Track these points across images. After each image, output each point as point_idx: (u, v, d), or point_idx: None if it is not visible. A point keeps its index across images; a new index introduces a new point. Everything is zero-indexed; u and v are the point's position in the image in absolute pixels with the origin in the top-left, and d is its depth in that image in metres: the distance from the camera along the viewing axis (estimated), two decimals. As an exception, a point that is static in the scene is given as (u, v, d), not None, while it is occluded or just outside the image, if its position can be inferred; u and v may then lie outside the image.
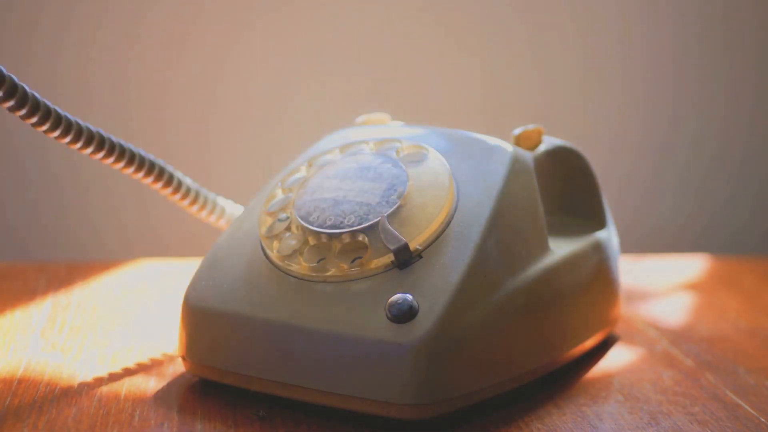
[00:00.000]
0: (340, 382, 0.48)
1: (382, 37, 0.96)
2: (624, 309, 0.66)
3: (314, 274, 0.51)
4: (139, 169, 0.58)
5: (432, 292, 0.49)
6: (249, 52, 0.93)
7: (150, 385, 0.53)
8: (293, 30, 0.94)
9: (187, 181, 0.61)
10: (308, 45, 0.94)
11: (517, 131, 0.58)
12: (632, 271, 0.78)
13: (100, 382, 0.53)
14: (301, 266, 0.51)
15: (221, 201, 0.63)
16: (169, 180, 0.60)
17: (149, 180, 0.59)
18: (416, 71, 0.97)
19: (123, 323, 0.62)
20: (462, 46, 0.97)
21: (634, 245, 0.94)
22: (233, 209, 0.64)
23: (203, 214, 0.62)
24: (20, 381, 0.53)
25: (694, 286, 0.77)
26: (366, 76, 0.96)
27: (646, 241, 1.00)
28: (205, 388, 0.53)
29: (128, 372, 0.55)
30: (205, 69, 0.93)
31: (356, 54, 0.95)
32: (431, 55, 0.96)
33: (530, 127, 0.58)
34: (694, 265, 0.83)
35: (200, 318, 0.52)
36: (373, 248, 0.51)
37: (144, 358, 0.57)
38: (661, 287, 0.76)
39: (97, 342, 0.59)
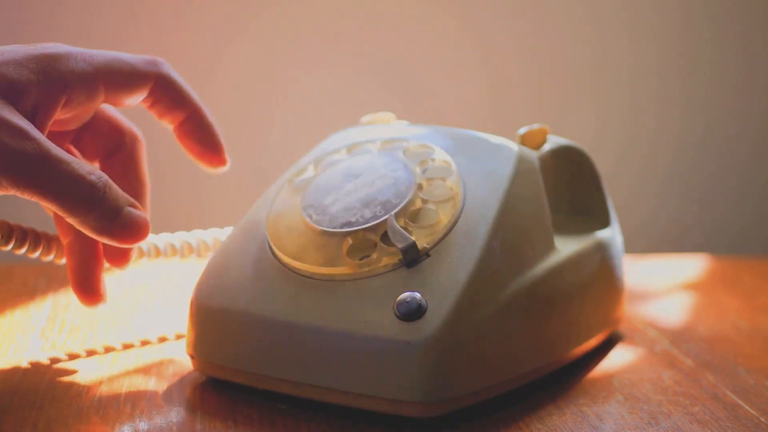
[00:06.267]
0: (349, 380, 0.48)
1: (387, 37, 0.96)
2: (624, 309, 0.66)
3: (322, 273, 0.51)
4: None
5: (440, 291, 0.49)
6: (253, 51, 0.93)
7: (150, 385, 0.53)
8: (299, 29, 0.94)
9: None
10: (314, 44, 0.94)
11: (523, 130, 0.58)
12: (633, 271, 0.78)
13: (100, 382, 0.53)
14: (309, 265, 0.51)
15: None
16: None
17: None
18: (422, 70, 0.97)
19: (123, 323, 0.62)
20: (467, 45, 0.97)
21: (637, 246, 0.94)
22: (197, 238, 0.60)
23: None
24: (20, 381, 0.53)
25: (694, 286, 0.77)
26: (371, 75, 0.96)
27: (649, 241, 1.00)
28: (205, 387, 0.53)
29: (128, 372, 0.55)
30: (209, 68, 0.93)
31: (361, 53, 0.95)
32: (437, 55, 0.96)
33: (535, 126, 0.58)
34: (694, 265, 0.83)
35: (208, 316, 0.52)
36: (381, 247, 0.51)
37: (144, 358, 0.57)
38: (661, 287, 0.76)
39: (97, 342, 0.59)
